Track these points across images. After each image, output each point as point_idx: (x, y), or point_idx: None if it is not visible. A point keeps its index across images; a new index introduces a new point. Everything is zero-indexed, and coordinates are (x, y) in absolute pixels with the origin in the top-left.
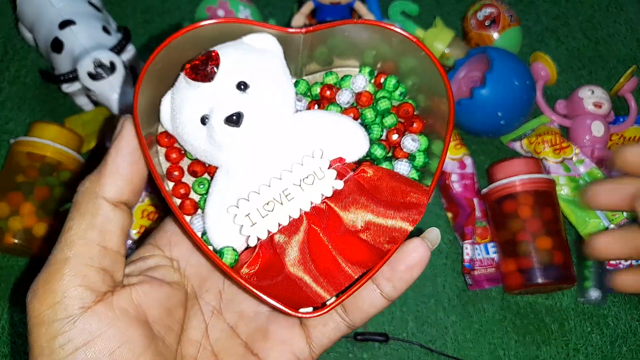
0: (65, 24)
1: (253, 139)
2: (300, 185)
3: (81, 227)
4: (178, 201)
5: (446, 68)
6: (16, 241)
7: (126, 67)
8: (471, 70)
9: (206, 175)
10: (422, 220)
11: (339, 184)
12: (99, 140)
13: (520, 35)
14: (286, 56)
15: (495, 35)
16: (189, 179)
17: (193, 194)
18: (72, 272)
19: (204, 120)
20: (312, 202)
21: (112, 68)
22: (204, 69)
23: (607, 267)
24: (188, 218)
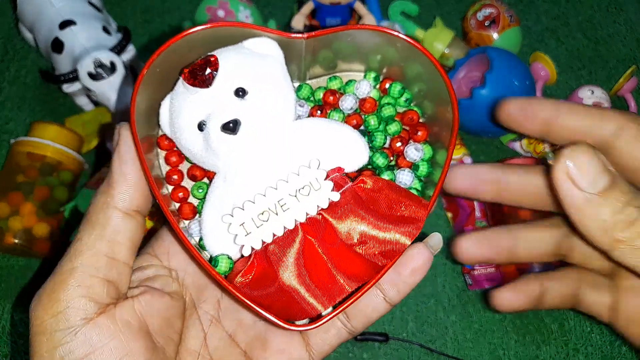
0: (65, 24)
1: (250, 146)
2: (296, 196)
3: (91, 237)
4: (177, 205)
5: (446, 68)
6: (16, 241)
7: (126, 67)
8: (471, 71)
9: (205, 180)
10: None
11: (336, 196)
12: (99, 141)
13: (520, 36)
14: (288, 60)
15: (495, 36)
16: (188, 183)
17: (192, 198)
18: (77, 282)
19: (201, 126)
20: (307, 213)
21: (112, 68)
22: (202, 74)
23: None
24: (186, 223)
